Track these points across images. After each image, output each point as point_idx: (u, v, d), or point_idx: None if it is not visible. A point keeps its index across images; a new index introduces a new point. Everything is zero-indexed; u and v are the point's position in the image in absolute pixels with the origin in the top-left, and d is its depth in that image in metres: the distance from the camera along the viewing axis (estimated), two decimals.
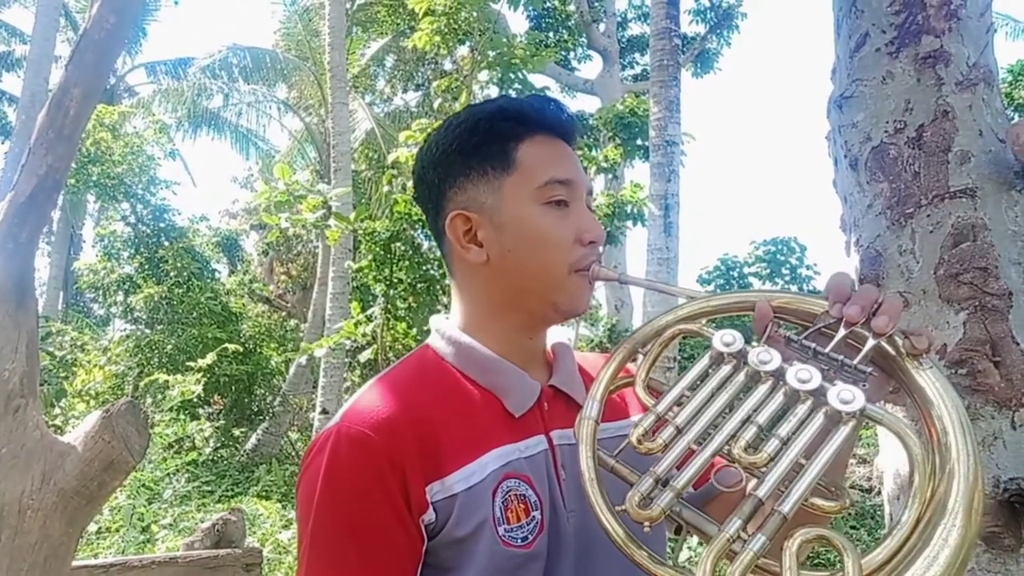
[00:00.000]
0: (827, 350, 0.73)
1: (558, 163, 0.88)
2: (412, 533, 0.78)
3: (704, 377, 0.75)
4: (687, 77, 13.48)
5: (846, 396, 0.67)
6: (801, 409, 0.69)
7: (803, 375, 0.70)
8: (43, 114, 1.99)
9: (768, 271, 11.96)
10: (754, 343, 0.76)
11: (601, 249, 0.91)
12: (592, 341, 11.52)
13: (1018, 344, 1.34)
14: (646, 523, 0.67)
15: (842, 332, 0.74)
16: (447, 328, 0.92)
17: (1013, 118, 1.52)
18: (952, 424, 0.67)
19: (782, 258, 11.96)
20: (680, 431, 0.71)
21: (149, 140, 11.29)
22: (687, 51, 12.88)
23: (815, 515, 0.69)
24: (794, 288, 11.69)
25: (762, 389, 0.71)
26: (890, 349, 0.73)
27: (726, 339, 0.75)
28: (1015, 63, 11.22)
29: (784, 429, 0.68)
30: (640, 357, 0.83)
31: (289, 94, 15.30)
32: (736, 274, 12.11)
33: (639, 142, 8.65)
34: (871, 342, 0.72)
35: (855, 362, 0.71)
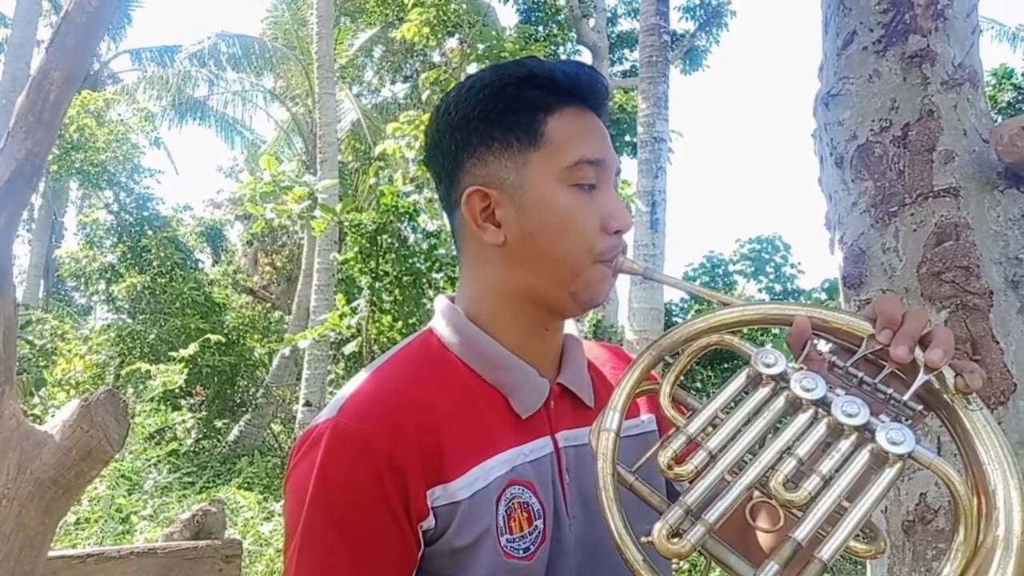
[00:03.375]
0: (875, 381, 0.68)
1: (590, 140, 0.80)
2: (408, 540, 0.73)
3: (739, 398, 0.69)
4: (676, 74, 13.51)
5: (896, 436, 0.62)
6: (845, 445, 0.64)
7: (851, 408, 0.64)
8: (22, 98, 1.95)
9: (753, 269, 12.00)
10: (791, 363, 0.70)
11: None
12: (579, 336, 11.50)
13: (998, 343, 1.35)
14: (674, 559, 0.62)
15: (892, 365, 0.68)
16: (454, 314, 0.85)
17: (997, 120, 1.53)
18: (1000, 473, 0.62)
19: (767, 256, 12.01)
20: (713, 458, 0.65)
21: (134, 128, 11.18)
22: (676, 48, 12.89)
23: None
24: (778, 287, 11.77)
25: (803, 418, 0.66)
26: (937, 384, 0.68)
27: (767, 359, 0.69)
28: (999, 67, 11.34)
29: (826, 466, 0.63)
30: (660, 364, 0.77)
31: (276, 83, 15.18)
32: (721, 271, 12.16)
33: (627, 138, 8.67)
34: (922, 377, 0.66)
35: (905, 398, 0.66)
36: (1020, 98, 11.06)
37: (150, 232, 10.76)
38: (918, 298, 1.41)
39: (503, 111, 0.80)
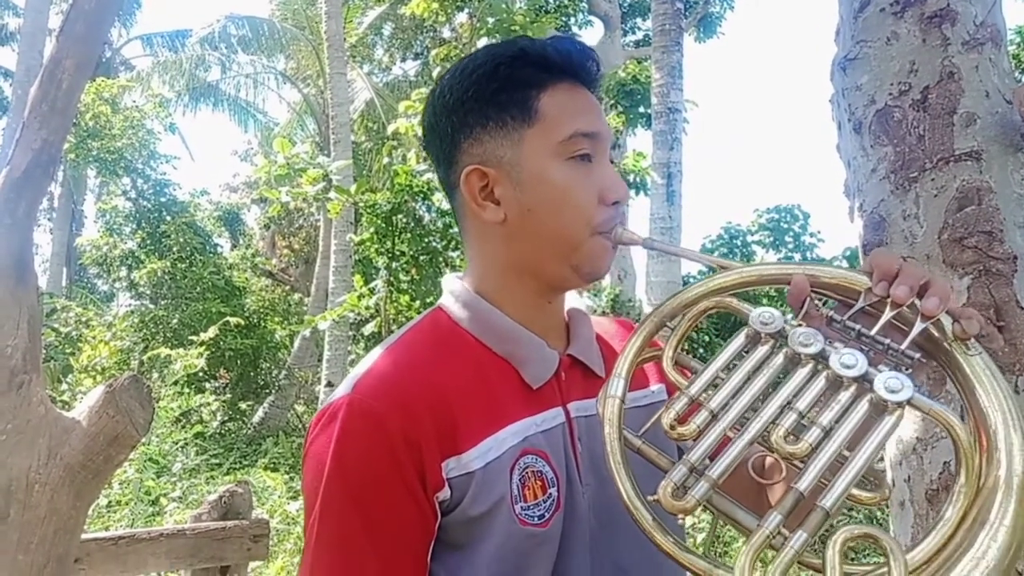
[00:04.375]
0: (872, 332, 0.68)
1: (583, 114, 0.82)
2: (425, 511, 0.75)
3: (739, 357, 0.70)
4: (690, 42, 13.30)
5: (893, 384, 0.63)
6: (844, 396, 0.65)
7: (848, 360, 0.65)
8: (35, 87, 1.96)
9: (771, 239, 11.88)
10: (790, 319, 0.71)
11: (625, 209, 0.85)
12: (595, 312, 11.52)
13: (1023, 308, 1.33)
14: (680, 515, 0.64)
15: (889, 313, 0.69)
16: (461, 291, 0.87)
17: (1020, 80, 1.49)
18: (1001, 415, 0.63)
19: (785, 226, 11.88)
20: (715, 416, 0.67)
21: (149, 114, 11.22)
22: (690, 15, 12.67)
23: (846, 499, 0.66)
24: (797, 256, 11.65)
25: (802, 373, 0.67)
26: (936, 332, 0.68)
27: (764, 317, 0.70)
28: None
29: (826, 417, 0.64)
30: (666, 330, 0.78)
31: (287, 65, 15.14)
32: (740, 242, 12.05)
33: (641, 109, 8.57)
34: (919, 325, 0.67)
35: (903, 347, 0.67)
36: None
37: (168, 218, 10.84)
38: (940, 265, 1.39)
39: (496, 90, 0.82)
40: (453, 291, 0.88)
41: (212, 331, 7.31)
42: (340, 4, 9.43)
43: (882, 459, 1.54)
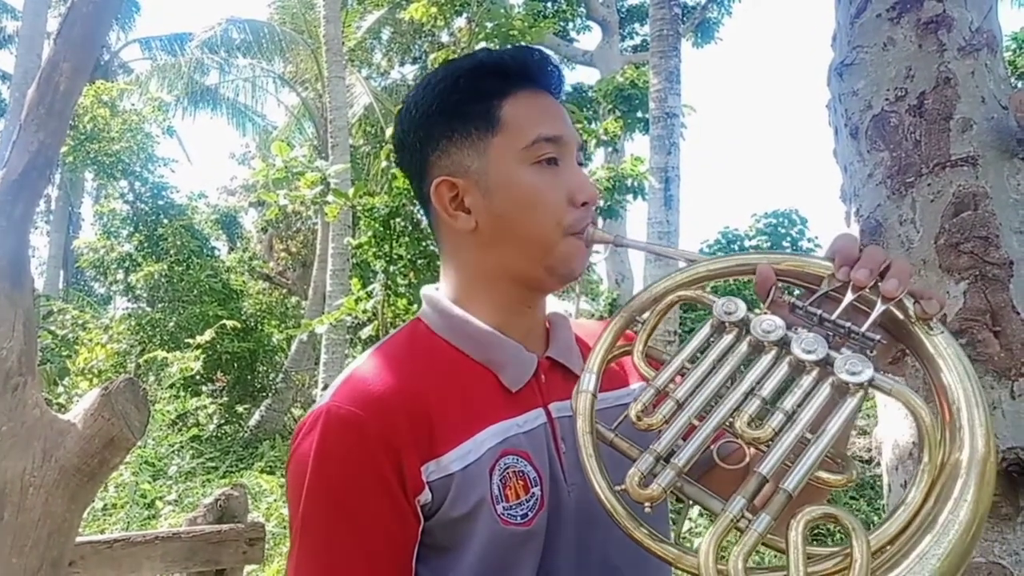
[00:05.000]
0: (833, 316, 0.69)
1: (545, 119, 0.83)
2: (407, 514, 0.76)
3: (705, 348, 0.72)
4: (687, 47, 13.33)
5: (854, 367, 0.65)
6: (806, 380, 0.66)
7: (808, 344, 0.67)
8: (33, 89, 1.96)
9: (769, 244, 11.90)
10: (758, 309, 0.73)
11: (596, 209, 0.87)
12: (593, 316, 11.53)
13: (1018, 313, 1.33)
14: (647, 503, 0.65)
15: (849, 297, 0.70)
16: (438, 300, 0.89)
17: (1016, 85, 1.49)
18: (963, 393, 0.64)
19: (783, 231, 11.91)
20: (680, 405, 0.68)
21: (147, 118, 11.22)
22: (687, 21, 12.71)
23: (817, 487, 0.67)
24: None
25: (766, 359, 0.69)
26: (899, 314, 0.70)
27: (728, 307, 0.71)
28: (1020, 30, 11.07)
29: (789, 402, 0.66)
30: (639, 326, 0.79)
31: (285, 68, 15.15)
32: (737, 247, 12.07)
33: (639, 114, 8.58)
34: (880, 307, 0.69)
35: (863, 329, 0.68)
36: None
37: (166, 221, 10.82)
38: (936, 269, 1.39)
39: (459, 102, 0.84)
40: (430, 301, 0.90)
41: (209, 334, 7.30)
42: (339, 8, 9.45)
43: (878, 465, 1.54)
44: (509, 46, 0.93)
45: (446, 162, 0.85)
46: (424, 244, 5.85)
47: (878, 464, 1.55)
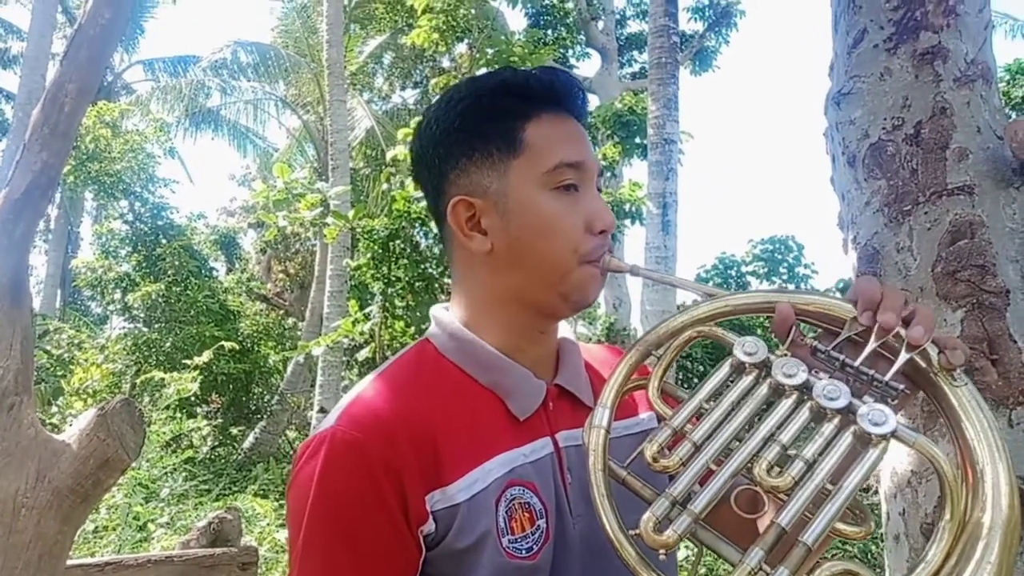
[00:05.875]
0: (856, 363, 0.68)
1: (568, 144, 0.82)
2: (408, 544, 0.74)
3: (724, 388, 0.70)
4: (685, 75, 13.48)
5: (877, 417, 0.63)
6: (828, 428, 0.65)
7: (831, 391, 0.65)
8: (37, 110, 1.98)
9: (766, 270, 11.93)
10: (777, 351, 0.71)
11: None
12: (590, 340, 11.50)
13: (1015, 342, 1.33)
14: (661, 550, 0.63)
15: (873, 343, 0.68)
16: (448, 321, 0.87)
17: (1011, 116, 1.51)
18: (988, 449, 0.62)
19: (780, 257, 11.94)
20: (698, 448, 0.66)
21: (149, 138, 11.28)
22: (685, 49, 12.86)
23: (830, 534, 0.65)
24: (791, 287, 11.69)
25: (786, 404, 0.67)
26: (922, 362, 0.68)
27: (748, 347, 0.69)
28: (1012, 62, 11.22)
29: (809, 450, 0.64)
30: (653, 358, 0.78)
31: (287, 91, 15.28)
32: (734, 272, 12.10)
33: (637, 140, 8.65)
34: (904, 356, 0.67)
35: (887, 378, 0.66)
36: None
37: (165, 241, 10.84)
38: (933, 297, 1.40)
39: (481, 122, 0.82)
40: (439, 322, 0.88)
41: (207, 355, 7.27)
42: (341, 33, 9.55)
43: (876, 492, 1.53)
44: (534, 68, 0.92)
45: (464, 181, 0.83)
46: (423, 267, 5.86)
47: (876, 492, 1.55)
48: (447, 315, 0.88)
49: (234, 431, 9.90)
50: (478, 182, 0.82)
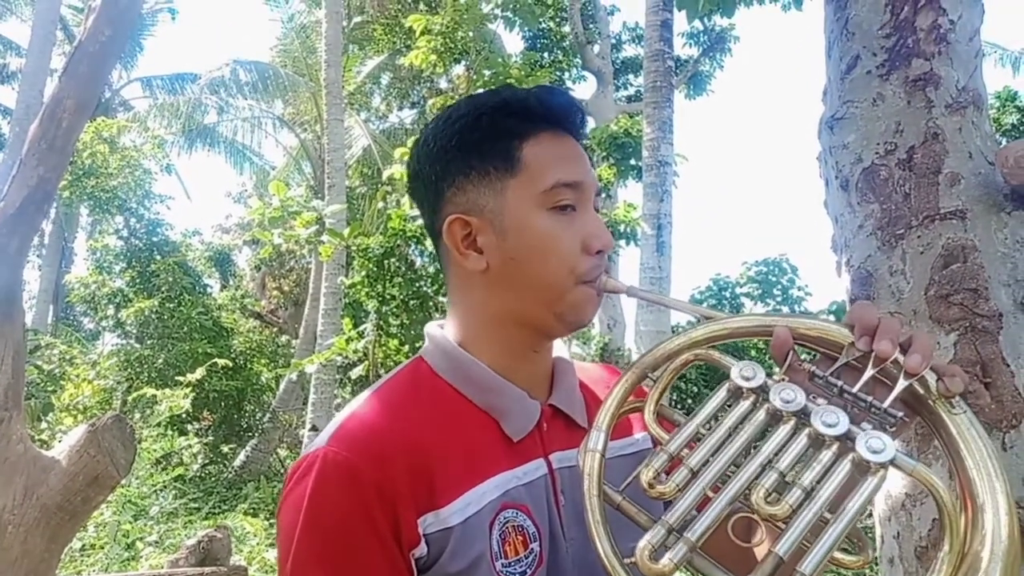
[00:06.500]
0: (855, 389, 0.67)
1: (565, 164, 0.81)
2: (399, 568, 0.73)
3: (720, 413, 0.69)
4: (680, 99, 13.60)
5: (876, 444, 0.62)
6: (826, 455, 0.64)
7: (830, 418, 0.64)
8: (35, 125, 1.98)
9: (760, 291, 11.96)
10: (774, 375, 0.70)
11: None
12: (584, 359, 11.48)
13: (1008, 366, 1.34)
14: None
15: (871, 370, 0.68)
16: (442, 339, 0.86)
17: (1001, 142, 1.53)
18: (987, 479, 0.62)
19: (773, 279, 11.97)
20: (695, 474, 0.65)
21: (146, 154, 11.30)
22: (680, 73, 12.99)
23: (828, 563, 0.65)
24: (785, 309, 11.72)
25: (784, 430, 0.66)
26: (920, 389, 0.67)
27: (745, 372, 0.69)
28: (1003, 90, 11.37)
29: (807, 477, 0.63)
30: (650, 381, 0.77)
31: (285, 110, 15.36)
32: (728, 294, 12.12)
33: (632, 162, 8.71)
34: (903, 383, 0.66)
35: (885, 405, 0.66)
36: None
37: (159, 257, 10.81)
38: (926, 320, 1.40)
39: (479, 140, 0.82)
40: (433, 340, 0.87)
41: (200, 372, 7.22)
42: (340, 53, 9.62)
43: (870, 515, 1.53)
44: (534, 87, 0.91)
45: (461, 199, 0.82)
46: (418, 285, 5.86)
47: (870, 515, 1.54)
48: (441, 333, 0.87)
49: (225, 449, 9.81)
50: (475, 200, 0.82)
